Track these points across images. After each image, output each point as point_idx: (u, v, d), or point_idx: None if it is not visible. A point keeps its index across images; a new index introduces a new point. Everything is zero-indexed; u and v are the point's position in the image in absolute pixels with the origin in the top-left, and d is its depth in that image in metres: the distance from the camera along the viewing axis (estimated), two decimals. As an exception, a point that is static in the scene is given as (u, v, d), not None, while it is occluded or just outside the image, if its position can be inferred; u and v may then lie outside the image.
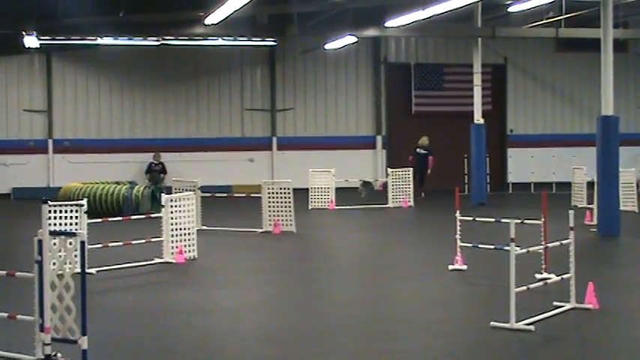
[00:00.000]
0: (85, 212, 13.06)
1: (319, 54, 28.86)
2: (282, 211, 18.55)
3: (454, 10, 20.42)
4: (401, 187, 24.59)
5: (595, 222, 18.11)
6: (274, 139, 30.13)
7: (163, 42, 26.01)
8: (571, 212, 10.14)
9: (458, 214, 12.97)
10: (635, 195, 22.10)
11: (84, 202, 13.35)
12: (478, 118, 25.24)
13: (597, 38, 17.93)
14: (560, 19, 25.42)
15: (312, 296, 11.81)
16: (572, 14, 24.88)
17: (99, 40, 25.61)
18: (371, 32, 24.60)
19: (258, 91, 30.21)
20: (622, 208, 20.64)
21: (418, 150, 27.00)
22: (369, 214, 22.90)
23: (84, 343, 7.34)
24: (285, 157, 29.82)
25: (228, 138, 29.91)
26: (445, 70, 30.60)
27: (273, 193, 18.78)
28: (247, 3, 18.24)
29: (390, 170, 25.07)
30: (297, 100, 30.36)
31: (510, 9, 24.18)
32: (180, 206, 14.65)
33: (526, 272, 11.56)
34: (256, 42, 27.13)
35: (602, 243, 16.84)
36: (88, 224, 13.01)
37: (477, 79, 25.40)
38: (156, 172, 28.53)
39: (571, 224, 10.11)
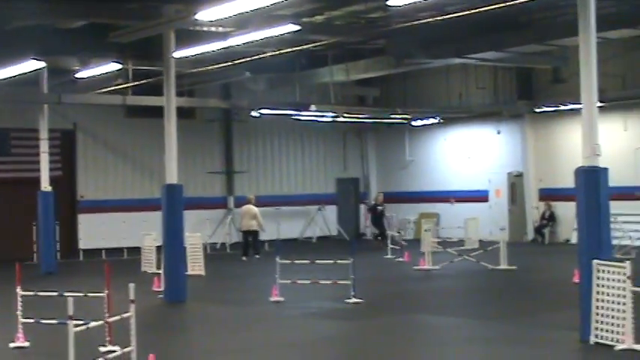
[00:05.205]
0: None
1: None
2: None
3: (19, 75, 19.99)
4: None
5: (163, 288, 18.31)
6: None
7: None
8: (131, 285, 10.13)
9: (19, 289, 12.46)
10: (202, 258, 22.72)
11: None
12: (45, 186, 24.70)
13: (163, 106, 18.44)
14: (128, 87, 25.76)
15: None
16: (140, 82, 25.32)
17: None
18: None
19: None
20: (189, 272, 21.25)
21: (378, 207, 31.05)
22: None
23: None
24: None
25: None
26: (12, 135, 29.49)
27: None
28: None
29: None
30: None
31: (77, 75, 24.08)
32: None
33: (93, 345, 11.41)
34: None
35: (169, 310, 17.07)
36: None
37: (44, 146, 24.93)
38: None
39: (131, 297, 10.11)
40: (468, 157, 33.61)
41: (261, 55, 23.18)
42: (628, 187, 27.45)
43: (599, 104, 12.76)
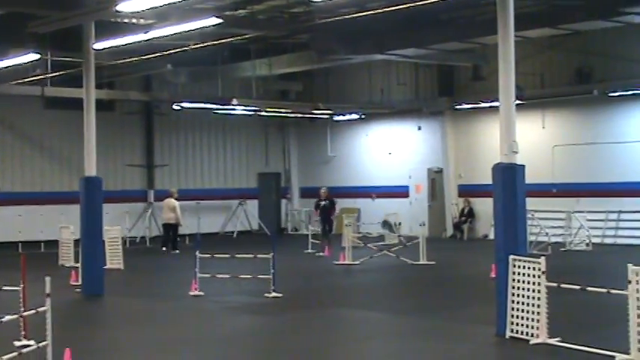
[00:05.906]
0: None
1: None
2: None
3: None
4: None
5: (80, 282, 18.07)
6: None
7: None
8: (47, 278, 9.97)
9: None
10: (121, 252, 22.47)
11: None
12: (-40, 177, 24.23)
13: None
14: (47, 78, 25.32)
15: None
16: (59, 73, 24.90)
17: None
18: None
19: None
20: (108, 266, 21.02)
21: (321, 202, 27.58)
22: None
23: None
24: None
25: None
26: None
27: None
28: None
29: None
30: None
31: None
32: None
33: (8, 339, 11.22)
34: None
35: (86, 303, 16.86)
36: None
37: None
38: None
39: (47, 291, 9.94)
40: (389, 153, 33.87)
41: (183, 48, 23.00)
42: (545, 184, 28.01)
43: (518, 102, 12.98)
